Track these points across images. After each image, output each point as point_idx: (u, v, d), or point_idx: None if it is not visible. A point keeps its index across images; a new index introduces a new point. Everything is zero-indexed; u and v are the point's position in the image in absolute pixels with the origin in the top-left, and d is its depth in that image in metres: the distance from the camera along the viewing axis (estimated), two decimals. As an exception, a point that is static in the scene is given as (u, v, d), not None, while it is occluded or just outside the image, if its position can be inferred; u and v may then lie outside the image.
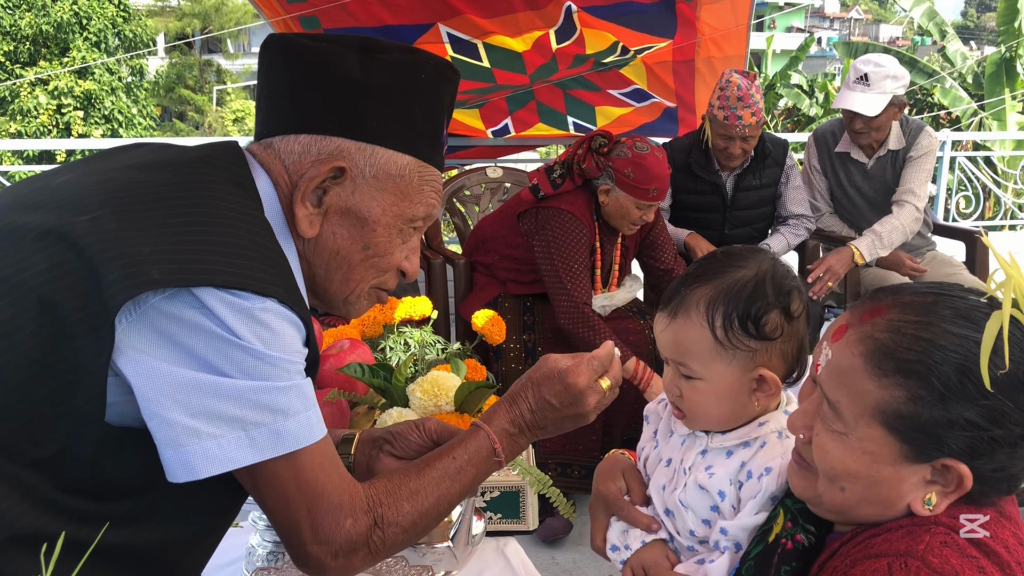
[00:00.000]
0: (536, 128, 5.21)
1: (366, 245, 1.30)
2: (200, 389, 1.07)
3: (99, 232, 1.07)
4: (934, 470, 1.04)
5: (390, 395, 1.74)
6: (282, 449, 1.12)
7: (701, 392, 1.31)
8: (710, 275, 1.32)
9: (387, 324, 2.26)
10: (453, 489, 1.28)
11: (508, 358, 3.29)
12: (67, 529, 1.06)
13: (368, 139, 1.26)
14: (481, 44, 4.38)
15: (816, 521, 1.19)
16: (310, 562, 1.18)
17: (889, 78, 3.84)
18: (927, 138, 4.01)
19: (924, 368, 1.01)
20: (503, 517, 1.95)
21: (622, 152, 3.18)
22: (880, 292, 1.11)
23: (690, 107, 5.02)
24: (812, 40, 18.99)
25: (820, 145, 4.22)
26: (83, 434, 1.08)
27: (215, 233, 1.11)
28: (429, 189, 1.32)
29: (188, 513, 1.18)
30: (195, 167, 1.21)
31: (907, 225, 3.90)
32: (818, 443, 1.10)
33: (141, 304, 1.06)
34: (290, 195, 1.27)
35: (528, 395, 1.35)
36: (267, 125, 1.30)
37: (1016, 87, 13.43)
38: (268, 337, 1.11)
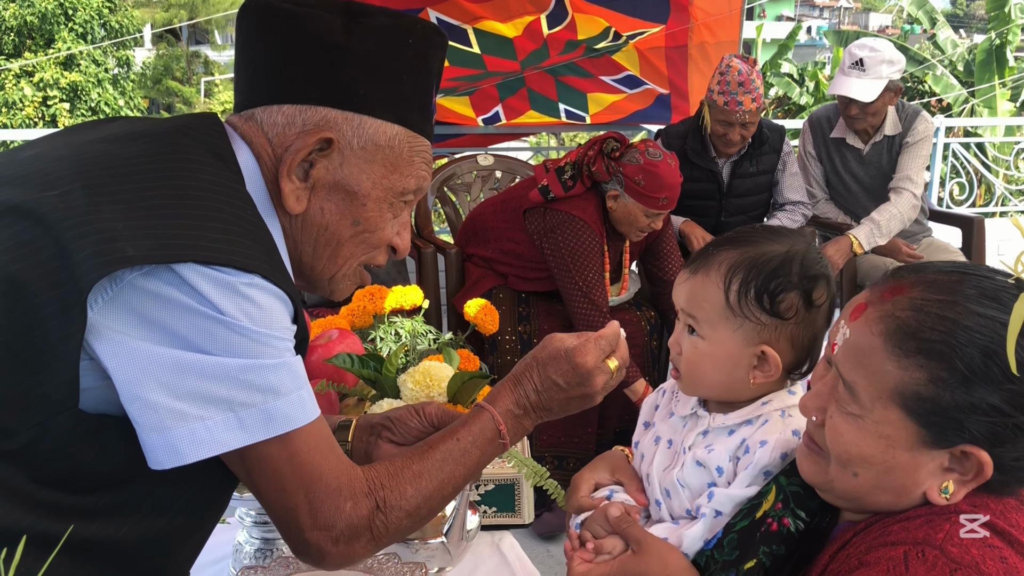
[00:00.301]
0: (527, 116, 5.16)
1: (356, 220, 1.24)
2: (184, 369, 1.01)
3: (69, 207, 1.01)
4: (952, 457, 1.00)
5: (380, 386, 1.69)
6: (274, 430, 1.06)
7: (700, 352, 1.30)
8: (742, 242, 1.31)
9: (377, 314, 2.21)
10: (457, 472, 1.23)
11: (503, 350, 3.25)
12: (43, 524, 1.02)
13: (355, 108, 1.20)
14: (471, 29, 4.33)
15: (810, 508, 1.16)
16: (310, 550, 1.13)
17: (885, 63, 3.80)
18: (923, 123, 3.97)
19: (948, 349, 0.97)
20: (498, 511, 1.90)
21: (634, 158, 3.10)
22: (902, 270, 1.07)
23: (683, 94, 4.97)
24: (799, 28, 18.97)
25: (815, 131, 4.18)
26: (56, 423, 1.02)
27: (194, 207, 1.05)
28: (420, 160, 1.27)
29: (173, 505, 1.12)
30: (171, 138, 1.15)
31: (905, 213, 3.87)
32: (831, 426, 1.06)
33: (116, 283, 1.00)
34: (274, 169, 1.21)
35: (533, 375, 1.30)
36: (247, 96, 1.24)
37: (1006, 74, 13.43)
38: (255, 313, 1.05)
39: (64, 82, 18.96)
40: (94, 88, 19.45)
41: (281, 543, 1.63)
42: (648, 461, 1.38)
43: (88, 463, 1.05)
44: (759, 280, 1.26)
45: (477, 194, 4.26)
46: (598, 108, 5.14)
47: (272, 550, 1.62)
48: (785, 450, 1.24)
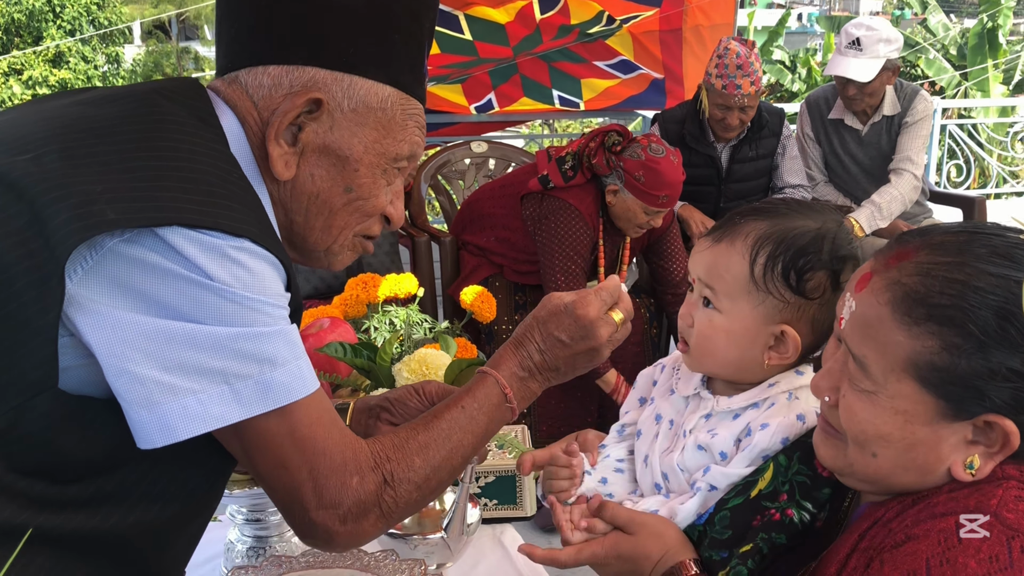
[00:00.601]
0: (520, 103, 5.12)
1: (348, 187, 1.18)
2: (173, 340, 0.95)
3: (42, 171, 0.94)
4: (976, 428, 0.94)
5: (375, 376, 1.63)
6: (272, 403, 1.00)
7: (715, 326, 1.24)
8: (772, 213, 1.24)
9: (370, 303, 2.15)
10: (466, 441, 1.17)
11: (500, 339, 3.21)
12: (23, 516, 0.95)
13: (345, 68, 1.14)
14: (462, 15, 4.27)
15: (817, 500, 1.11)
16: (316, 531, 1.06)
17: (882, 42, 3.74)
18: (923, 102, 3.92)
19: (959, 313, 0.91)
20: (499, 503, 1.85)
21: (635, 153, 3.03)
22: (907, 235, 1.01)
23: (678, 78, 4.93)
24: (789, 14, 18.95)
25: (813, 112, 4.12)
26: (34, 405, 0.95)
27: (177, 168, 0.99)
28: (413, 124, 1.21)
29: (165, 492, 1.05)
30: (149, 100, 1.08)
31: (906, 194, 3.81)
32: (845, 405, 1.00)
33: (97, 250, 0.94)
34: (260, 134, 1.14)
35: (535, 335, 1.24)
36: (230, 58, 1.17)
37: (999, 56, 13.40)
38: (246, 278, 0.98)
39: (53, 79, 18.84)
40: (83, 85, 19.33)
41: (274, 540, 1.58)
42: (647, 441, 1.32)
43: (70, 449, 0.98)
44: (788, 255, 1.20)
45: (471, 182, 4.21)
46: (592, 94, 5.09)
47: (264, 548, 1.57)
48: (787, 435, 1.18)
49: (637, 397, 1.41)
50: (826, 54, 17.87)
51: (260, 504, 1.55)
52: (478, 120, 5.22)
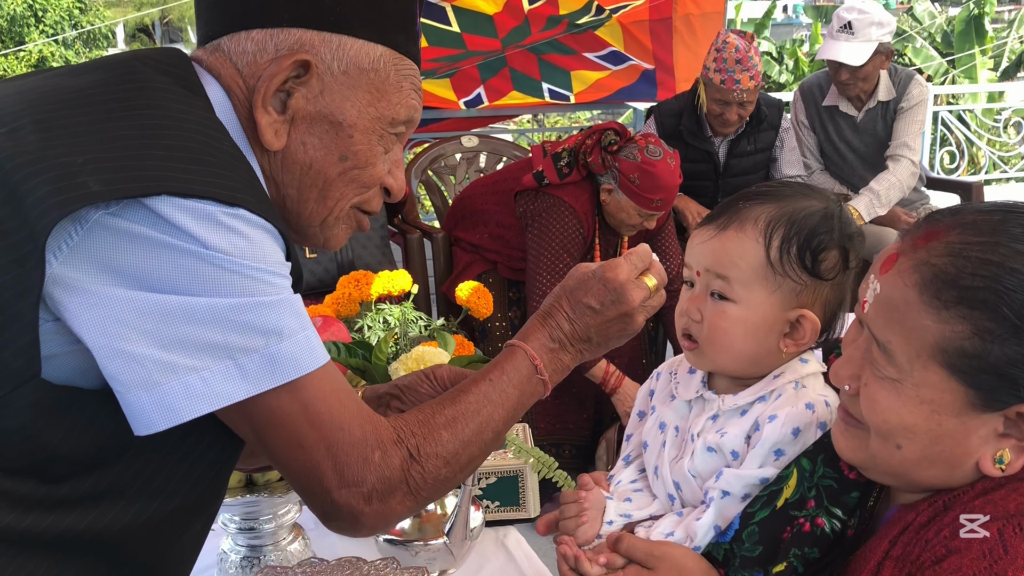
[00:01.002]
0: (510, 96, 5.06)
1: (343, 155, 1.10)
2: (170, 315, 0.88)
3: (17, 145, 0.88)
4: (1007, 420, 0.89)
5: (370, 375, 1.57)
6: (281, 377, 0.93)
7: (731, 318, 1.17)
8: (775, 197, 1.18)
9: (363, 301, 2.09)
10: (496, 415, 1.09)
11: (494, 336, 3.16)
12: (9, 518, 0.89)
13: (332, 28, 1.07)
14: (449, 7, 4.22)
15: (846, 505, 1.05)
16: (340, 513, 0.98)
17: (874, 25, 3.70)
18: (918, 87, 3.88)
19: (993, 296, 0.86)
20: (501, 505, 1.79)
21: (631, 154, 2.95)
22: (936, 214, 0.96)
23: (668, 69, 4.88)
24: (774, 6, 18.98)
25: (807, 99, 4.07)
26: (16, 397, 0.88)
27: (163, 136, 0.92)
28: (409, 87, 1.14)
29: (164, 486, 0.98)
30: (130, 65, 1.01)
31: (904, 180, 3.77)
32: (867, 394, 0.95)
33: (81, 224, 0.87)
34: (247, 103, 1.08)
35: (563, 304, 1.16)
36: (211, 26, 1.11)
37: (986, 42, 13.40)
38: (243, 246, 0.92)
39: (36, 85, 18.73)
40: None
41: (268, 550, 1.53)
42: (655, 452, 1.26)
43: (58, 444, 0.91)
44: (802, 236, 1.15)
45: (462, 177, 4.15)
46: (582, 86, 5.04)
47: (259, 558, 1.52)
48: (796, 424, 1.14)
49: (636, 412, 1.35)
50: (813, 44, 17.87)
51: (253, 513, 1.50)
52: (467, 115, 5.16)
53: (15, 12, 19.19)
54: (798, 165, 3.86)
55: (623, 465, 1.33)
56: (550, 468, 1.39)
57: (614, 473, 1.32)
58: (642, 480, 1.30)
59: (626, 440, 1.35)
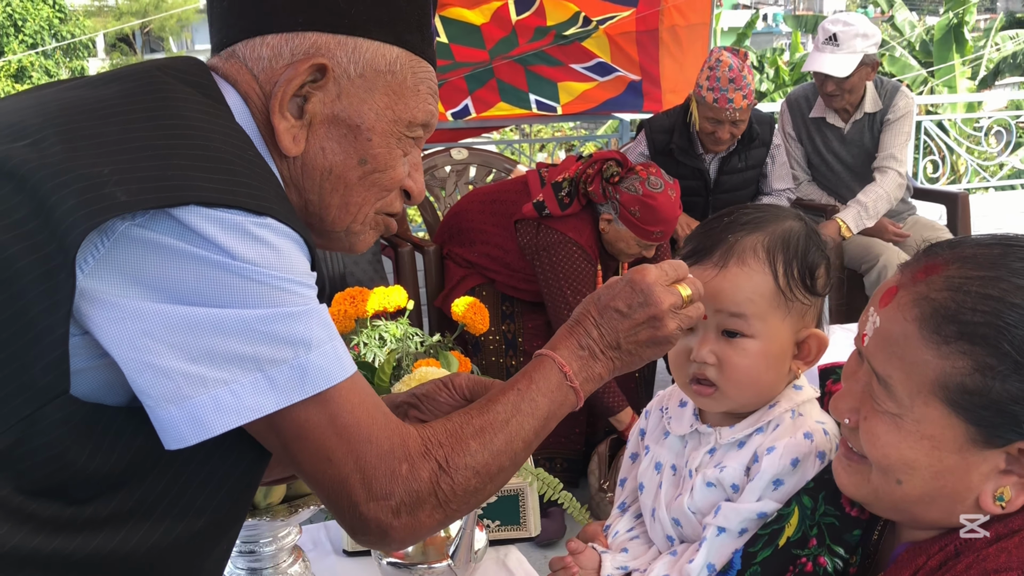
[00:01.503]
0: (497, 108, 5.07)
1: (363, 159, 1.09)
2: (199, 327, 0.87)
3: (43, 157, 0.86)
4: (1010, 457, 0.87)
5: (372, 397, 1.55)
6: (311, 388, 0.92)
7: (751, 353, 1.15)
8: (758, 223, 1.18)
9: (359, 318, 2.08)
10: (526, 424, 1.05)
11: (487, 350, 3.14)
12: (36, 541, 0.87)
13: (348, 30, 1.06)
14: (437, 17, 4.21)
15: (848, 544, 1.04)
16: (368, 527, 0.97)
17: (859, 37, 3.72)
18: (904, 99, 3.90)
19: (993, 331, 0.84)
20: (502, 524, 1.78)
21: (633, 186, 2.95)
22: (935, 247, 0.95)
23: (655, 80, 4.90)
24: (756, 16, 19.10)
25: (794, 111, 4.09)
26: (44, 415, 0.86)
27: (188, 145, 0.91)
28: (426, 90, 1.13)
29: (192, 504, 0.96)
30: (152, 75, 1.00)
31: (891, 192, 3.79)
32: (867, 428, 0.93)
33: (108, 236, 0.86)
34: (264, 109, 1.06)
35: (591, 310, 1.13)
36: (225, 33, 1.10)
37: (966, 52, 13.53)
38: (271, 257, 0.90)
39: (15, 95, 18.63)
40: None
41: (268, 573, 1.50)
42: (651, 493, 1.25)
43: (84, 464, 0.90)
44: (799, 258, 1.16)
45: (452, 190, 4.14)
46: (569, 98, 5.05)
47: (259, 581, 1.48)
48: (795, 455, 1.13)
49: (628, 456, 1.34)
50: (793, 53, 18.00)
51: (253, 536, 1.48)
52: (454, 127, 5.16)
53: (-6, 22, 19.10)
54: (787, 179, 3.87)
55: (619, 514, 1.31)
56: (555, 490, 1.38)
57: (610, 523, 1.31)
58: (639, 527, 1.28)
59: (620, 486, 1.33)
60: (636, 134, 3.94)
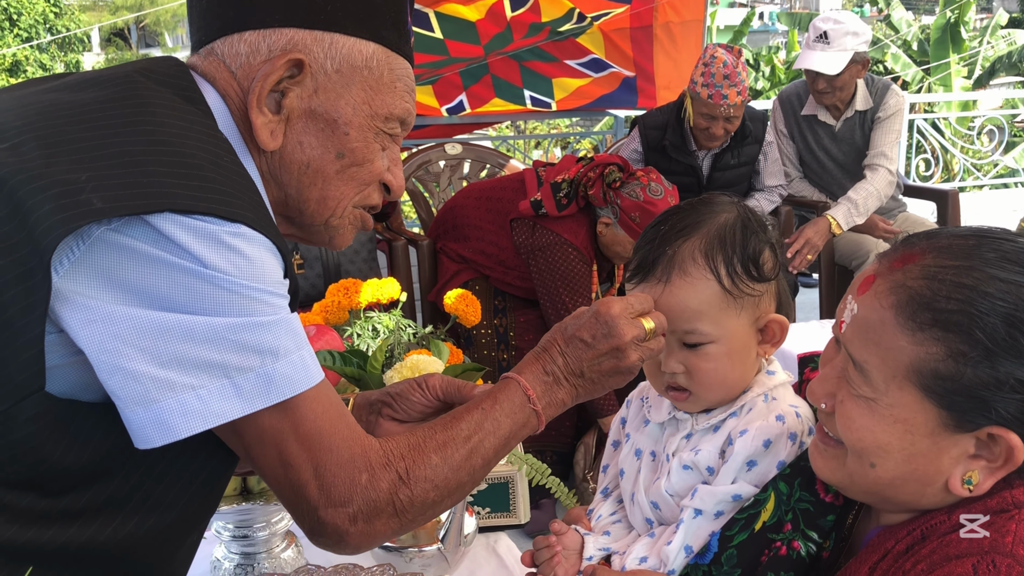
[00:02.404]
0: (492, 104, 5.08)
1: (340, 152, 1.12)
2: (169, 333, 0.89)
3: (21, 161, 0.89)
4: (979, 442, 0.90)
5: (364, 384, 1.58)
6: (275, 396, 0.94)
7: (714, 357, 1.18)
8: (691, 227, 1.19)
9: (352, 309, 2.10)
10: (487, 443, 1.09)
11: (479, 344, 3.16)
12: (10, 532, 0.90)
13: (324, 26, 1.08)
14: (432, 13, 4.23)
15: (821, 529, 1.07)
16: (326, 530, 1.00)
17: (849, 35, 3.74)
18: (894, 97, 3.93)
19: (966, 319, 0.87)
20: (492, 511, 1.81)
21: (633, 192, 2.98)
22: (913, 237, 0.97)
23: (649, 76, 4.91)
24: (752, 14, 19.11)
25: (786, 108, 4.12)
26: (20, 411, 0.89)
27: (165, 152, 0.93)
28: (402, 87, 1.15)
29: (163, 498, 0.99)
30: (132, 79, 1.02)
31: (882, 189, 3.82)
32: (842, 412, 0.96)
33: (83, 240, 0.88)
34: (243, 105, 1.08)
35: (557, 337, 1.17)
36: (204, 30, 1.12)
37: (962, 50, 13.54)
38: (243, 265, 0.93)
39: (11, 89, 18.57)
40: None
41: (262, 558, 1.53)
42: (631, 479, 1.27)
43: (59, 457, 0.92)
44: (739, 251, 1.17)
45: (446, 184, 4.16)
46: (564, 94, 5.07)
47: (252, 566, 1.52)
48: (767, 436, 1.15)
49: (611, 443, 1.36)
50: (789, 52, 18.02)
51: (247, 521, 1.50)
52: (448, 123, 5.18)
53: (-11, 15, 19.04)
54: (779, 175, 3.89)
55: (601, 499, 1.34)
56: (543, 475, 1.40)
57: (593, 507, 1.33)
58: (621, 511, 1.31)
59: (603, 472, 1.36)
60: (630, 131, 3.96)
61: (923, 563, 0.90)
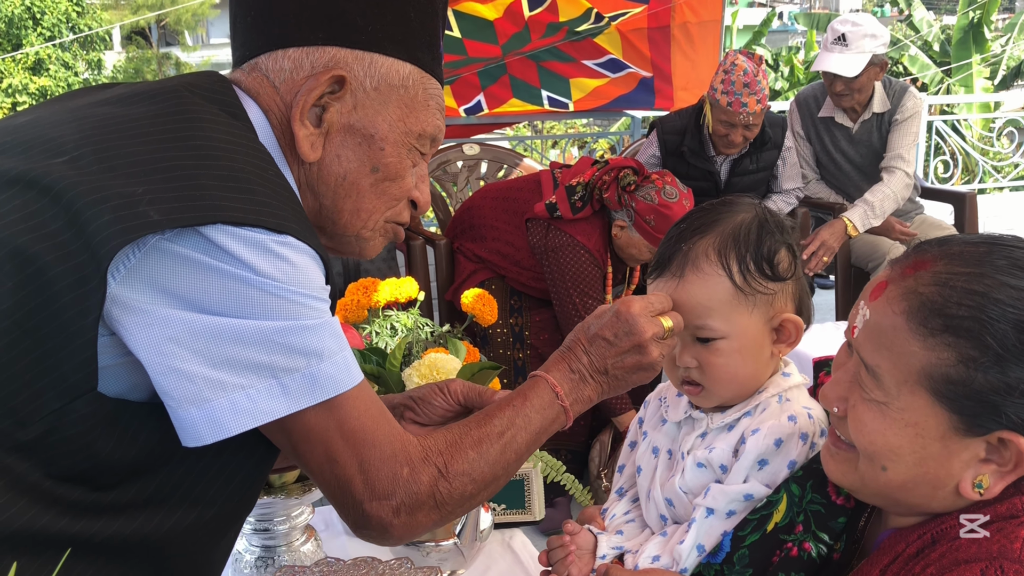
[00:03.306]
0: (510, 104, 5.11)
1: (375, 167, 1.16)
2: (221, 336, 0.95)
3: (80, 174, 0.93)
4: (989, 446, 0.91)
5: (384, 381, 1.61)
6: (320, 395, 1.00)
7: (725, 353, 1.21)
8: (707, 226, 1.22)
9: (371, 308, 2.13)
10: (519, 438, 1.15)
11: (495, 343, 3.19)
12: (61, 523, 0.94)
13: (365, 46, 1.13)
14: (451, 11, 4.25)
15: (833, 531, 1.08)
16: (370, 523, 1.05)
17: (868, 37, 3.74)
18: (912, 99, 3.92)
19: (977, 325, 0.88)
20: (507, 508, 1.83)
21: (648, 195, 3.00)
22: (925, 244, 0.99)
23: (666, 76, 4.92)
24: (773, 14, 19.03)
25: (803, 110, 4.12)
26: (73, 409, 0.94)
27: (214, 166, 0.98)
28: (435, 105, 1.20)
29: (205, 494, 1.04)
30: (180, 95, 1.07)
31: (899, 192, 3.81)
32: (855, 416, 0.98)
33: (139, 248, 0.92)
34: (284, 119, 1.13)
35: (580, 337, 1.22)
36: (248, 46, 1.16)
37: (985, 50, 13.43)
38: (290, 272, 0.98)
39: (33, 87, 18.74)
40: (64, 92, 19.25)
41: (282, 550, 1.56)
42: (648, 475, 1.30)
43: (108, 453, 0.97)
44: (752, 250, 1.20)
45: (464, 184, 4.18)
46: (581, 94, 5.08)
47: (273, 559, 1.55)
48: (779, 436, 1.18)
49: (628, 444, 1.39)
50: (808, 52, 17.95)
51: (267, 514, 1.54)
52: (466, 123, 5.21)
53: (13, 14, 19.18)
54: (797, 178, 3.88)
55: (616, 498, 1.37)
56: (558, 472, 1.43)
57: (607, 507, 1.36)
58: (635, 511, 1.33)
59: (618, 472, 1.38)
60: (648, 133, 3.96)
61: (932, 567, 0.92)
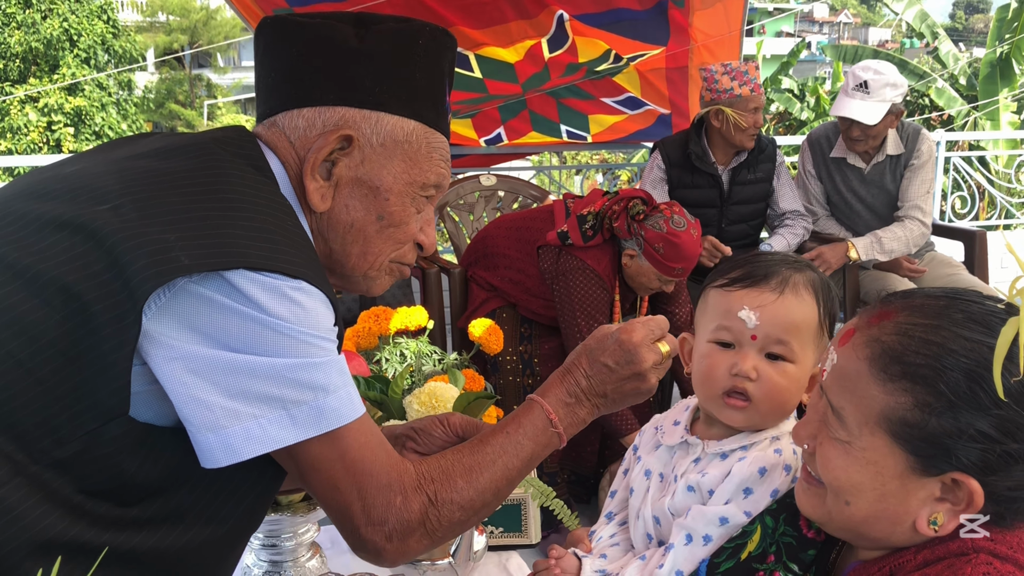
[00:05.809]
0: (529, 136, 5.18)
1: (380, 215, 1.28)
2: (238, 370, 1.05)
3: (121, 221, 1.05)
4: (944, 486, 0.98)
5: (387, 408, 1.70)
6: (325, 426, 1.10)
7: (790, 376, 1.27)
8: (802, 265, 1.31)
9: (382, 335, 2.23)
10: (511, 464, 1.23)
11: (505, 370, 3.25)
12: (89, 534, 1.04)
13: (372, 106, 1.25)
14: (473, 56, 4.35)
15: (803, 562, 1.15)
16: (366, 547, 1.16)
17: (889, 86, 3.79)
18: (926, 143, 3.96)
19: (932, 373, 0.95)
20: (504, 531, 1.91)
21: (657, 224, 3.08)
22: (890, 296, 1.07)
23: (684, 113, 4.98)
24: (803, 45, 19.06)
25: (815, 150, 4.17)
26: (107, 430, 1.05)
27: (240, 217, 1.10)
28: (437, 156, 1.31)
29: (217, 514, 1.15)
30: (210, 150, 1.20)
31: (911, 239, 3.88)
32: (821, 453, 1.06)
33: (169, 289, 1.04)
34: (298, 171, 1.25)
35: (582, 361, 1.31)
36: (268, 105, 1.29)
37: (1014, 86, 13.34)
38: (302, 315, 1.09)
39: (68, 107, 19.06)
40: (98, 112, 19.57)
41: (288, 566, 1.64)
42: (639, 496, 1.37)
43: (134, 472, 1.08)
44: (831, 302, 1.29)
45: (480, 214, 4.28)
46: (599, 128, 5.15)
47: (279, 573, 1.63)
48: (763, 464, 1.24)
49: (622, 470, 1.45)
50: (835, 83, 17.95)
51: (275, 531, 1.61)
52: (487, 152, 5.29)
53: (51, 36, 19.55)
54: (796, 201, 3.99)
55: (605, 521, 1.43)
56: (548, 497, 1.51)
57: (595, 529, 1.43)
58: (620, 534, 1.40)
59: (610, 496, 1.45)
60: (651, 153, 4.07)
61: None
